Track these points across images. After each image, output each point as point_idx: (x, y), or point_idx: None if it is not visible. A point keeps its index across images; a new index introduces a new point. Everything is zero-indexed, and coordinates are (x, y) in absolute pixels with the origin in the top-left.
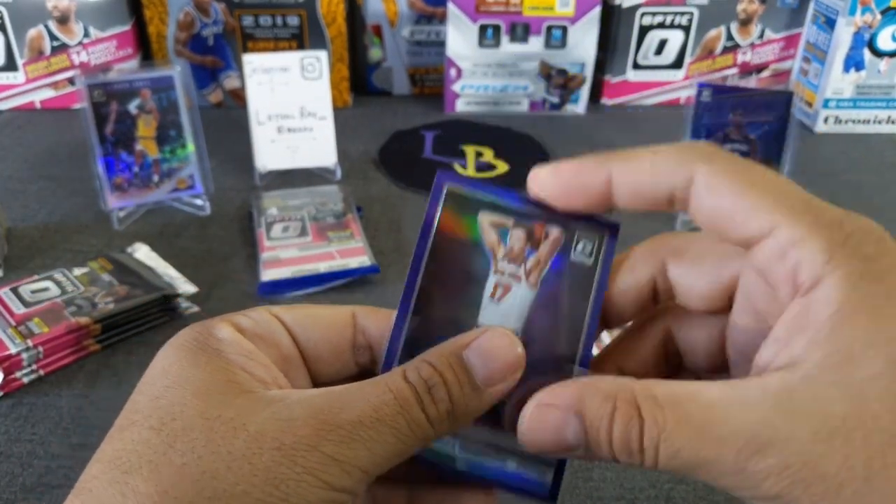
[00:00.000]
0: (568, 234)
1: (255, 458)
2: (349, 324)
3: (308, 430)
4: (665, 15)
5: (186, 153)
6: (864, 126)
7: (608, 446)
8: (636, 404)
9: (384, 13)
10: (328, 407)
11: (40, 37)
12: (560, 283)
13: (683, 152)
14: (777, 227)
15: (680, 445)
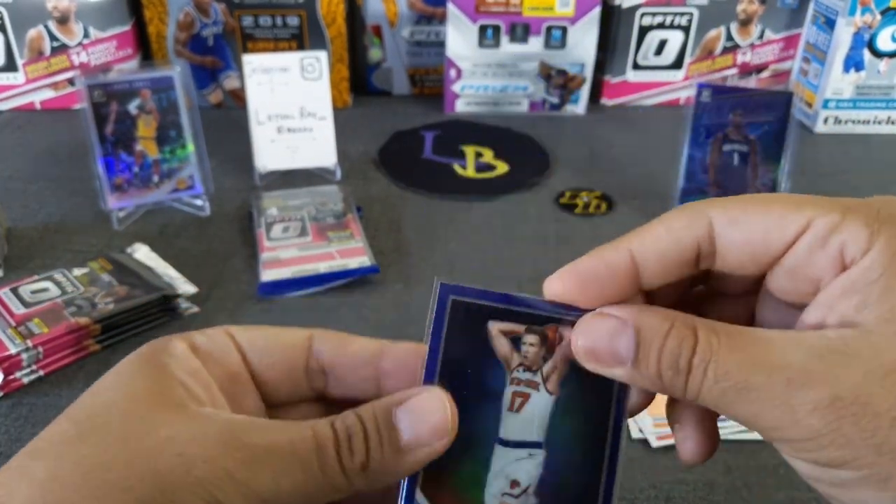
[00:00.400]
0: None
1: (154, 460)
2: (304, 346)
3: (214, 444)
4: (665, 15)
5: (186, 153)
6: (864, 126)
7: (656, 362)
8: (693, 327)
9: (384, 13)
10: (244, 429)
11: (40, 37)
12: (580, 385)
13: (691, 208)
14: (813, 219)
15: (730, 368)
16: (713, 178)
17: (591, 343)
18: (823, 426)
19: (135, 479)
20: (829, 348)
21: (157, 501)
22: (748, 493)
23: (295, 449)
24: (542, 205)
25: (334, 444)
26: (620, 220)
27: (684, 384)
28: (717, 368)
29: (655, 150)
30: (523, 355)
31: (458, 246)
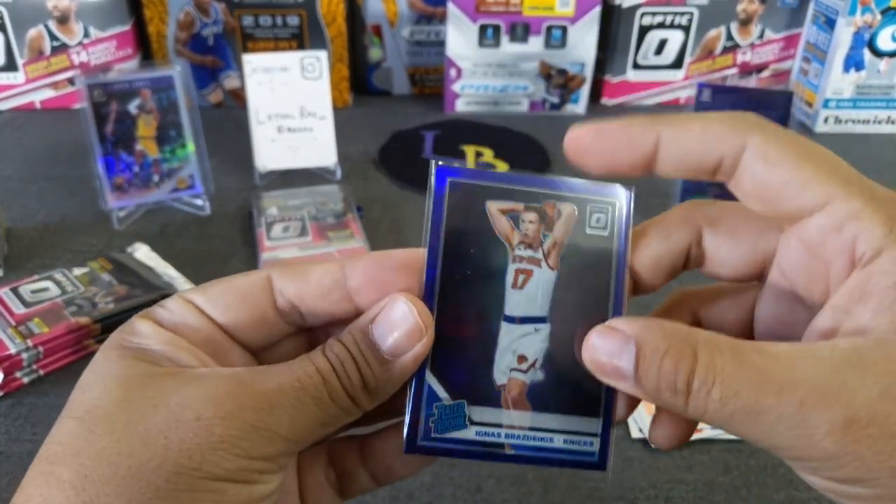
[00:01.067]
0: (580, 209)
1: (172, 432)
2: (266, 289)
3: (229, 400)
4: (665, 15)
5: (186, 153)
6: (864, 126)
7: (655, 381)
8: (693, 347)
9: (384, 13)
10: (251, 379)
11: (40, 37)
12: (580, 259)
13: (736, 120)
14: (833, 200)
15: (739, 388)
16: None
17: (596, 358)
18: (839, 448)
19: (159, 456)
20: (842, 361)
21: (186, 471)
22: (747, 493)
23: (304, 385)
24: None
25: (334, 372)
26: None
27: (685, 404)
28: (725, 389)
29: None
30: (523, 233)
31: None
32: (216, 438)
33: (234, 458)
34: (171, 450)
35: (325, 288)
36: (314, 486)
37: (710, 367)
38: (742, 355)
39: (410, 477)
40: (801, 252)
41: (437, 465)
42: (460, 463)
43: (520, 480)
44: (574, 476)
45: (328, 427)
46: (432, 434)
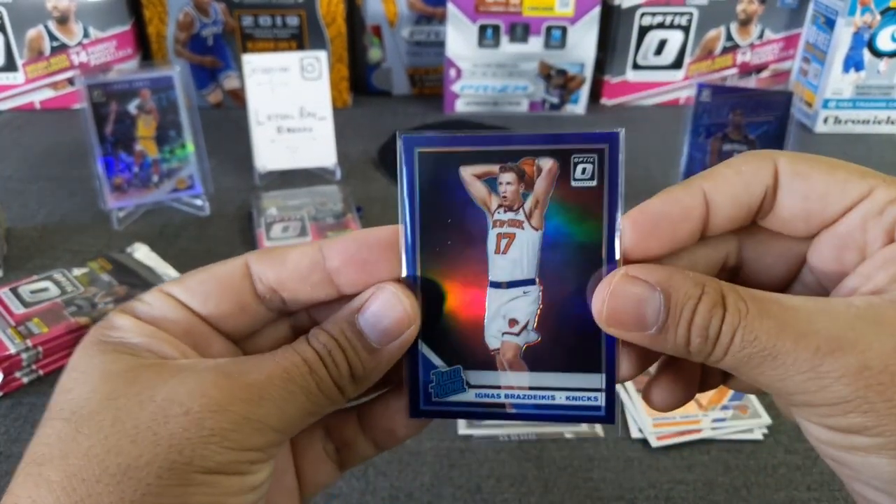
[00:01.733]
0: (563, 161)
1: (161, 427)
2: (244, 275)
3: (217, 392)
4: (665, 15)
5: (186, 153)
6: (864, 126)
7: (686, 329)
8: (722, 293)
9: (384, 13)
10: (238, 370)
11: (40, 37)
12: (567, 214)
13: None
14: (875, 188)
15: (759, 334)
16: None
17: (617, 308)
18: (850, 393)
19: (149, 453)
20: (858, 316)
21: (178, 466)
22: (747, 493)
23: (291, 376)
24: None
25: (321, 362)
26: None
27: (711, 350)
28: (746, 334)
29: (655, 149)
30: (502, 195)
31: None
32: (207, 432)
33: (226, 451)
34: (161, 446)
35: (304, 270)
36: (312, 460)
37: (735, 312)
38: (765, 304)
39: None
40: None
41: (437, 465)
42: (460, 463)
43: (519, 480)
44: (574, 476)
45: (315, 416)
46: (433, 399)
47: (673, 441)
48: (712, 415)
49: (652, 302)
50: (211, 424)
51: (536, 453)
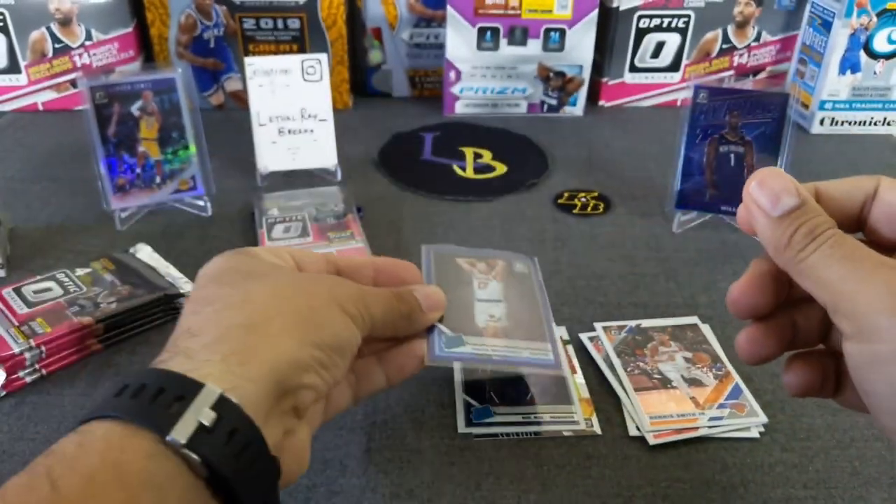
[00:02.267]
0: (507, 263)
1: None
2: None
3: (349, 288)
4: (662, 18)
5: (188, 155)
6: (860, 127)
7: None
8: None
9: (384, 16)
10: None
11: (42, 39)
12: (514, 278)
13: (863, 177)
14: None
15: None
16: (710, 178)
17: (769, 181)
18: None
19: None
20: None
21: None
22: (744, 491)
23: (387, 296)
24: (540, 205)
25: (402, 301)
26: (617, 221)
27: (805, 246)
28: (835, 243)
29: (652, 151)
30: (479, 270)
31: None
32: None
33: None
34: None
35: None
36: (339, 387)
37: (837, 232)
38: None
39: (415, 373)
40: None
41: (437, 463)
42: (459, 461)
43: (518, 478)
44: (572, 473)
45: (387, 324)
46: (444, 350)
47: (670, 439)
48: (709, 413)
49: (792, 195)
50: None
51: (535, 451)
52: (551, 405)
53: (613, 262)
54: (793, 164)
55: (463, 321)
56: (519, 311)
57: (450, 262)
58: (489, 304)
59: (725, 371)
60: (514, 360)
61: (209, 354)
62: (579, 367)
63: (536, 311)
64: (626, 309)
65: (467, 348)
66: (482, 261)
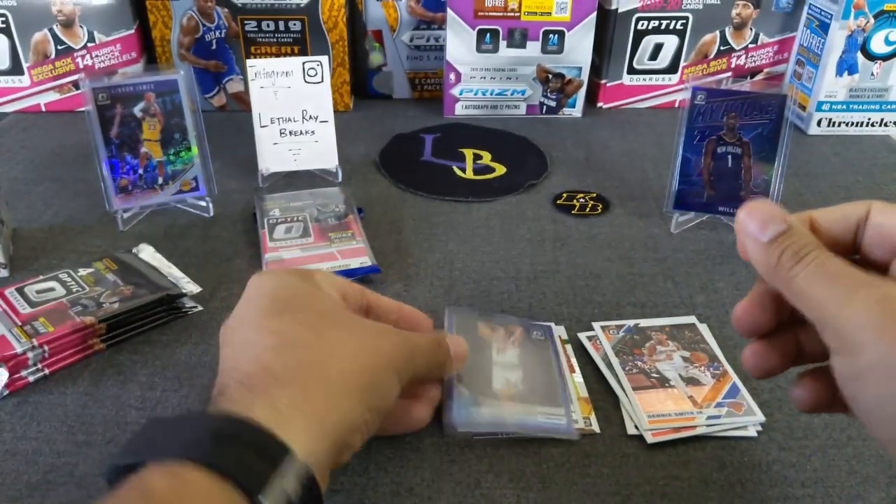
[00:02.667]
0: (525, 330)
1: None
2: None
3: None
4: (660, 20)
5: (190, 156)
6: (857, 129)
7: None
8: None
9: (384, 19)
10: (407, 336)
11: (45, 41)
12: (531, 346)
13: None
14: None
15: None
16: (707, 179)
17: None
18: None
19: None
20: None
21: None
22: (742, 489)
23: (432, 348)
24: (539, 206)
25: (439, 350)
26: (616, 221)
27: (791, 266)
28: (820, 263)
29: (650, 152)
30: (498, 336)
31: (457, 246)
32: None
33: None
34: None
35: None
36: None
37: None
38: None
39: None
40: None
41: (437, 461)
42: (459, 459)
43: (518, 476)
44: (571, 472)
45: (426, 374)
46: (462, 417)
47: (668, 437)
48: (707, 412)
49: (779, 223)
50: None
51: (535, 449)
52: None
53: (612, 262)
54: (790, 165)
55: (481, 383)
56: (535, 377)
57: (471, 326)
58: (507, 369)
59: (723, 370)
60: (529, 424)
61: (294, 412)
62: (577, 367)
63: (552, 376)
64: (625, 309)
65: (483, 410)
66: (502, 327)
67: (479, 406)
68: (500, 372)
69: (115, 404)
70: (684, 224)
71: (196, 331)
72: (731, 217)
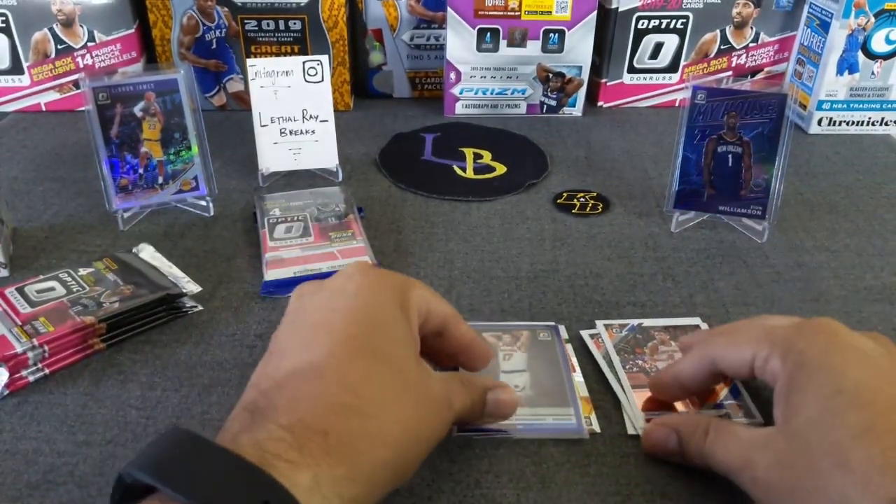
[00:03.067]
0: (531, 333)
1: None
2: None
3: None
4: (660, 19)
5: (190, 155)
6: (858, 128)
7: (688, 445)
8: (707, 426)
9: (385, 18)
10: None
11: (45, 40)
12: (538, 347)
13: (701, 351)
14: (756, 353)
15: (720, 441)
16: (707, 179)
17: (654, 443)
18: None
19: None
20: (765, 439)
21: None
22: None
23: (479, 401)
24: (539, 205)
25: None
26: (616, 221)
27: (700, 452)
28: (716, 441)
29: (651, 151)
30: (504, 342)
31: (457, 246)
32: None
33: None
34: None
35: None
36: None
37: (713, 433)
38: (725, 428)
39: None
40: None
41: (437, 461)
42: (459, 459)
43: (518, 476)
44: (571, 471)
45: (461, 419)
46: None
47: None
48: (707, 413)
49: (672, 438)
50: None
51: (535, 449)
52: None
53: (612, 261)
54: (791, 164)
55: None
56: (542, 379)
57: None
58: (513, 374)
59: None
60: (538, 427)
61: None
62: (578, 366)
63: (559, 376)
64: (625, 308)
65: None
66: (508, 333)
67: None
68: (507, 379)
69: (116, 404)
70: (684, 223)
71: (196, 331)
72: (732, 216)
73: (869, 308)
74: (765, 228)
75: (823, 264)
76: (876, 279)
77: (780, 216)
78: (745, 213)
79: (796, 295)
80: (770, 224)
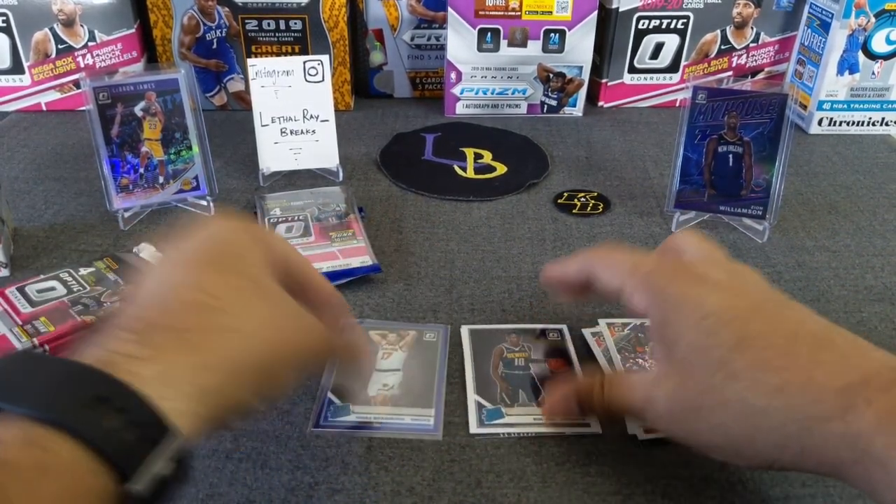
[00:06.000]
0: (418, 334)
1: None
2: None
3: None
4: (661, 19)
5: (191, 155)
6: (858, 128)
7: (588, 404)
8: (601, 382)
9: (385, 18)
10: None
11: (46, 40)
12: (421, 347)
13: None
14: (623, 283)
15: (615, 389)
16: (708, 178)
17: (556, 411)
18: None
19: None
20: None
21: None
22: (743, 489)
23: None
24: (540, 205)
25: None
26: (617, 220)
27: (601, 404)
28: (613, 391)
29: (651, 151)
30: (389, 341)
31: (458, 246)
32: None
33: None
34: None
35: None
36: None
37: (607, 386)
38: (615, 378)
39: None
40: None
41: (438, 460)
42: (460, 458)
43: (518, 475)
44: (571, 471)
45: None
46: (328, 419)
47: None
48: None
49: (573, 401)
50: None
51: (535, 449)
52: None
53: None
54: (791, 164)
55: (355, 391)
56: (413, 380)
57: (363, 332)
58: (386, 373)
59: None
60: (395, 426)
61: (186, 384)
62: (578, 365)
63: (431, 378)
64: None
65: (352, 417)
66: (394, 332)
67: (348, 410)
68: (379, 377)
69: None
70: (685, 223)
71: None
72: (732, 216)
73: (869, 308)
74: (765, 228)
75: (824, 264)
76: (876, 279)
77: (781, 216)
78: (745, 213)
79: (797, 294)
80: (770, 224)
